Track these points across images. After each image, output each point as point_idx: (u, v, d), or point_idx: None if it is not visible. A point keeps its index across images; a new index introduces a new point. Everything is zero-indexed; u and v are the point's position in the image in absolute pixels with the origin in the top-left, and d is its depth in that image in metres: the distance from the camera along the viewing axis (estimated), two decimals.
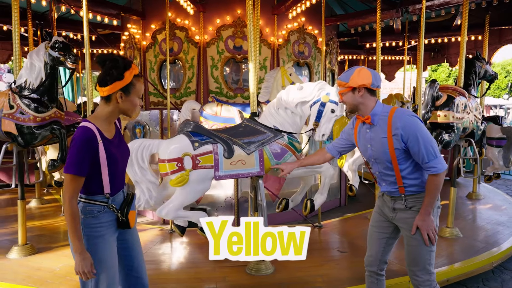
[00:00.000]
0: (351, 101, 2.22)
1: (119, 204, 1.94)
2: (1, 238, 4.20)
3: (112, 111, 1.88)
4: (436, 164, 2.06)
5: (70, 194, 1.75)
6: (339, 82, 2.24)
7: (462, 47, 4.14)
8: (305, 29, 5.96)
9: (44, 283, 3.09)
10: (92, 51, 8.52)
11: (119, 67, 1.79)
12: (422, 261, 2.19)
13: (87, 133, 1.77)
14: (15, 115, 3.38)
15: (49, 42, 3.38)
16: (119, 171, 1.95)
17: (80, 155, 1.74)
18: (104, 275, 1.86)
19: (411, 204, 2.20)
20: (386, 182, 2.27)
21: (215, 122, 4.15)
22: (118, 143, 1.96)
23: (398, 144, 2.09)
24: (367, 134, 2.25)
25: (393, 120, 2.09)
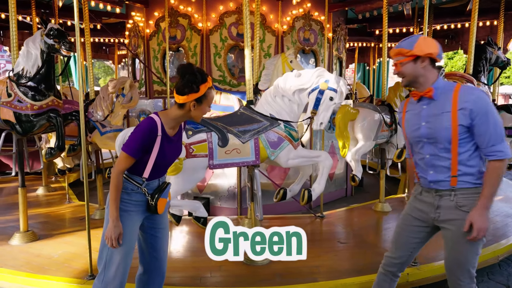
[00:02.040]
0: (411, 72, 1.95)
1: (152, 189, 2.09)
2: (6, 225, 4.28)
3: (182, 116, 2.05)
4: (502, 148, 1.82)
5: (119, 169, 1.98)
6: (398, 50, 1.96)
7: (472, 32, 3.96)
8: (311, 15, 5.80)
9: (42, 270, 3.13)
10: (99, 40, 8.56)
11: (198, 82, 1.96)
12: (468, 266, 1.98)
13: (151, 124, 1.99)
14: (13, 103, 3.40)
15: (45, 30, 3.36)
16: (164, 164, 2.12)
17: (138, 140, 1.97)
18: (121, 247, 2.01)
19: (462, 201, 1.91)
20: (435, 169, 1.98)
21: (214, 110, 4.10)
22: (176, 141, 2.15)
23: (464, 120, 1.84)
24: (423, 110, 1.99)
25: (461, 94, 1.87)
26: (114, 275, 2.03)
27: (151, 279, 2.24)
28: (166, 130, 2.04)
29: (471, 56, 3.93)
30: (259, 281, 2.99)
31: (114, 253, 2.02)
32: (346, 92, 3.22)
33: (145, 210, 2.10)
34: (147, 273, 2.24)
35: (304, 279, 3.03)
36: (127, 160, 1.98)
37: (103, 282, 2.04)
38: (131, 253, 2.09)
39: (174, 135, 2.11)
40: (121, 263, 2.04)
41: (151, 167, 2.04)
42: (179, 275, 3.08)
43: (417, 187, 2.15)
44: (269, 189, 4.91)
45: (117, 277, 2.04)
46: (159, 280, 2.27)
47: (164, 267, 2.27)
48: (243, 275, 3.10)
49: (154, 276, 2.24)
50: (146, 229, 2.18)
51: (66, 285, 2.91)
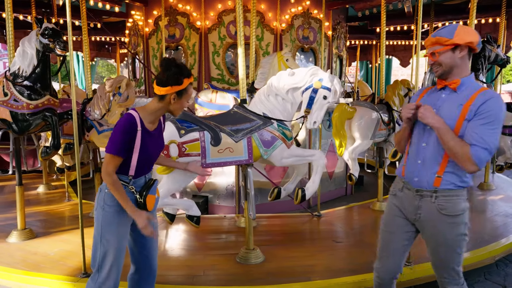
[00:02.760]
0: (449, 62, 1.85)
1: (140, 187, 2.10)
2: (5, 222, 4.31)
3: (161, 108, 2.06)
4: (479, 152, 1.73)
5: (108, 171, 1.97)
6: (436, 39, 1.86)
7: None
8: (310, 13, 5.78)
9: (37, 267, 3.16)
10: (101, 39, 8.60)
11: (183, 75, 1.99)
12: (452, 265, 1.98)
13: (130, 120, 1.98)
14: (9, 102, 3.42)
15: (40, 29, 3.38)
16: (148, 160, 2.12)
17: (120, 137, 1.97)
18: (113, 247, 2.04)
19: (444, 204, 1.88)
20: (424, 161, 1.93)
21: (210, 109, 4.10)
22: (157, 136, 2.16)
23: (469, 115, 1.80)
24: (440, 98, 1.93)
25: (481, 93, 1.81)
26: (107, 275, 2.05)
27: (143, 278, 2.26)
28: (146, 124, 2.04)
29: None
30: (252, 280, 2.99)
31: (108, 254, 2.04)
32: (340, 90, 3.20)
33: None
34: (139, 272, 2.26)
35: (297, 278, 3.03)
36: (114, 160, 1.98)
37: (97, 282, 2.06)
38: (123, 252, 2.11)
39: (154, 129, 2.11)
40: (114, 264, 2.06)
41: (136, 164, 2.03)
42: (172, 274, 3.09)
43: (397, 182, 2.11)
44: (267, 187, 4.90)
45: (110, 277, 2.06)
46: (151, 279, 2.28)
47: (155, 265, 2.29)
48: (236, 274, 3.10)
49: (145, 275, 2.26)
50: (136, 228, 2.16)
51: (60, 283, 2.93)
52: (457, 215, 1.90)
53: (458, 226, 1.91)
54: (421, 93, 2.11)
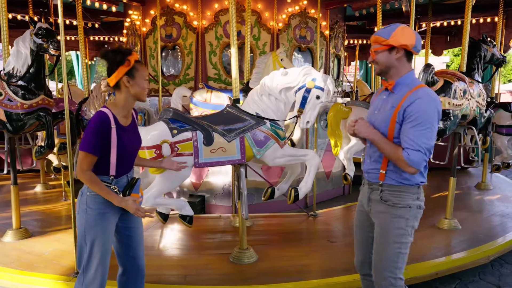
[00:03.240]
0: (384, 62, 1.91)
1: (123, 186, 2.08)
2: (1, 222, 4.32)
3: (125, 98, 2.02)
4: (411, 155, 1.78)
5: (84, 168, 1.95)
6: (375, 38, 1.91)
7: (465, 29, 3.89)
8: (307, 13, 5.77)
9: (31, 267, 3.17)
10: (99, 38, 8.60)
11: (122, 53, 1.96)
12: (387, 263, 1.94)
13: (101, 117, 1.94)
14: (4, 102, 3.43)
15: (34, 29, 3.39)
16: (127, 157, 2.09)
17: (93, 135, 1.93)
18: (98, 248, 2.02)
19: (387, 197, 1.95)
20: (370, 159, 2.04)
21: (205, 108, 4.10)
22: (132, 131, 2.12)
23: (398, 118, 1.85)
24: (383, 100, 2.00)
25: (412, 93, 1.84)
26: (93, 277, 2.04)
27: (130, 279, 2.25)
28: (119, 120, 2.01)
29: (465, 54, 3.87)
30: (244, 280, 2.99)
31: (93, 256, 2.03)
32: (333, 90, 3.20)
33: (119, 210, 2.07)
34: (126, 273, 2.24)
35: (290, 278, 3.03)
36: (87, 158, 1.94)
37: (83, 284, 2.05)
38: (109, 254, 2.09)
39: (128, 125, 2.09)
40: (100, 265, 2.04)
41: (116, 162, 2.00)
42: (165, 273, 3.09)
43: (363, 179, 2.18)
44: (264, 187, 4.90)
45: (96, 278, 2.04)
46: (139, 280, 2.26)
47: (142, 265, 2.27)
48: (228, 274, 3.10)
49: (133, 276, 2.24)
50: (120, 229, 2.17)
51: (53, 282, 2.94)
52: (399, 207, 1.94)
53: (399, 219, 1.94)
54: (376, 95, 2.14)
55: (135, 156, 2.21)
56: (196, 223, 4.29)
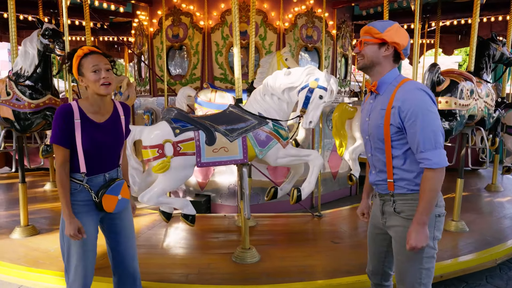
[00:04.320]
0: (371, 55, 1.78)
1: (98, 186, 2.02)
2: (10, 219, 4.43)
3: (91, 95, 1.98)
4: (431, 156, 1.65)
5: (58, 163, 1.93)
6: (368, 28, 1.79)
7: (474, 28, 3.82)
8: (314, 12, 5.74)
9: (36, 263, 3.23)
10: (108, 39, 8.72)
11: (68, 58, 1.99)
12: (411, 279, 1.79)
13: (62, 109, 1.93)
14: (12, 101, 3.51)
15: (41, 30, 3.45)
16: (101, 154, 2.02)
17: (54, 127, 1.91)
18: (74, 248, 2.00)
19: (400, 208, 1.80)
20: (375, 169, 1.90)
21: (209, 108, 4.12)
22: (110, 128, 2.04)
23: (394, 120, 1.71)
24: (369, 105, 1.89)
25: (399, 90, 1.72)
26: (74, 277, 2.02)
27: (121, 281, 2.23)
28: (88, 114, 1.96)
29: (473, 53, 3.81)
30: (245, 280, 2.99)
31: (70, 257, 2.01)
32: (336, 90, 3.18)
33: (97, 211, 2.03)
34: (116, 276, 2.24)
35: (291, 278, 3.02)
36: (58, 151, 1.93)
37: (68, 283, 2.06)
38: (89, 255, 2.04)
39: (104, 121, 2.02)
40: (79, 266, 2.01)
41: (83, 158, 1.95)
42: (167, 272, 3.12)
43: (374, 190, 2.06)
44: (268, 187, 4.91)
45: (77, 279, 2.02)
46: (130, 282, 2.23)
47: (132, 269, 2.22)
48: (230, 273, 3.11)
49: (123, 279, 2.23)
50: (107, 233, 2.16)
51: (57, 279, 2.99)
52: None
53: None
54: (364, 102, 2.02)
55: (115, 155, 2.12)
56: (200, 222, 4.34)
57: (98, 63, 1.92)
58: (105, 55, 1.99)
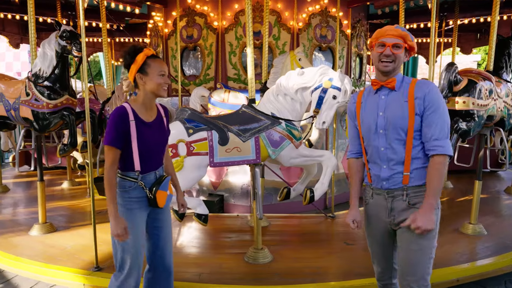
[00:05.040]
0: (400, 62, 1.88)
1: (150, 183, 2.10)
2: (29, 216, 4.54)
3: (143, 95, 2.06)
4: (444, 144, 1.77)
5: (108, 164, 1.99)
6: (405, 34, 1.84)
7: (493, 26, 3.72)
8: (328, 12, 5.70)
9: (53, 260, 3.30)
10: (124, 40, 8.85)
11: (131, 53, 2.02)
12: (421, 270, 1.85)
13: (119, 111, 2.01)
14: (31, 101, 3.60)
15: (59, 32, 3.52)
16: (152, 153, 2.11)
17: (112, 129, 1.98)
18: (130, 246, 2.07)
19: (414, 199, 1.84)
20: (389, 164, 1.87)
21: (222, 108, 4.14)
22: (158, 127, 2.13)
23: (418, 109, 1.80)
24: (381, 101, 1.90)
25: (417, 85, 1.84)
26: (129, 273, 2.09)
27: (157, 276, 2.29)
28: (140, 115, 2.04)
29: (492, 52, 3.71)
30: (257, 280, 2.99)
31: (126, 253, 2.08)
32: (350, 90, 3.15)
33: (147, 206, 2.11)
34: (152, 270, 2.29)
35: (303, 279, 3.00)
36: (110, 152, 1.99)
37: (119, 281, 2.11)
38: (142, 250, 2.14)
39: (152, 121, 2.11)
40: (134, 262, 2.09)
41: (138, 157, 2.03)
42: (180, 270, 3.12)
43: (367, 190, 2.03)
44: (281, 188, 4.89)
45: (132, 275, 2.10)
46: (165, 276, 2.29)
47: (168, 263, 2.29)
48: (242, 273, 3.11)
49: (159, 273, 2.28)
50: (149, 228, 2.21)
51: (73, 276, 3.05)
52: None
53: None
54: (358, 98, 2.03)
55: (162, 153, 2.21)
56: (213, 222, 4.36)
57: (164, 68, 2.06)
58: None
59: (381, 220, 1.95)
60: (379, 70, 1.88)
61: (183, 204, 2.42)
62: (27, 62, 11.59)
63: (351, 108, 2.07)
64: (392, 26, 1.88)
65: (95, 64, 15.14)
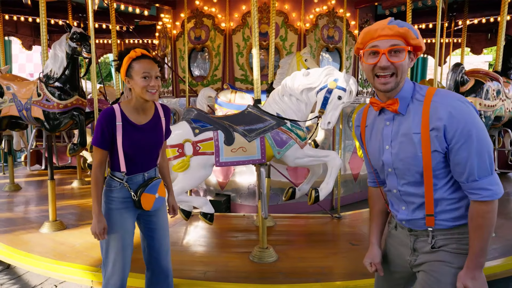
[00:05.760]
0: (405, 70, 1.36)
1: (137, 185, 2.09)
2: (40, 214, 4.64)
3: (135, 98, 2.01)
4: (489, 185, 1.29)
5: (95, 164, 2.02)
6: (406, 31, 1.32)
7: (501, 27, 3.71)
8: (336, 13, 5.70)
9: (63, 257, 3.37)
10: (134, 41, 8.96)
11: (118, 57, 2.01)
12: None
13: (105, 113, 2.00)
14: (42, 102, 3.69)
15: (69, 34, 3.61)
16: (140, 155, 2.08)
17: (98, 130, 1.98)
18: (113, 243, 2.07)
19: (442, 242, 1.43)
20: (407, 206, 1.49)
21: (229, 109, 4.17)
22: (151, 130, 2.08)
23: (439, 145, 1.31)
24: (385, 128, 1.45)
25: (433, 106, 1.31)
26: (112, 271, 2.10)
27: (154, 277, 2.31)
28: (130, 117, 2.01)
29: (500, 52, 3.69)
30: (261, 279, 3.01)
31: (109, 251, 2.08)
32: (355, 91, 3.16)
33: (134, 208, 2.10)
34: (150, 271, 2.32)
35: (308, 278, 3.01)
36: (97, 152, 2.01)
37: (105, 277, 2.14)
38: (127, 250, 2.12)
39: (144, 123, 2.06)
40: (117, 260, 2.08)
41: (123, 159, 2.02)
42: (186, 268, 3.18)
43: (391, 220, 1.67)
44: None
45: (115, 273, 2.09)
46: (163, 277, 2.30)
47: (165, 265, 2.29)
48: (247, 272, 3.13)
49: (156, 274, 2.31)
50: (143, 229, 2.23)
51: (82, 272, 3.11)
52: (460, 253, 1.42)
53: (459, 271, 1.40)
54: (362, 119, 1.61)
55: (155, 155, 2.16)
56: (220, 221, 4.40)
57: (150, 70, 1.93)
58: (155, 61, 1.99)
59: (401, 257, 1.59)
60: (377, 89, 1.41)
61: (174, 207, 2.40)
62: (39, 63, 11.83)
63: (356, 132, 1.67)
64: (385, 21, 1.35)
65: (106, 65, 15.34)
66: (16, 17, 6.49)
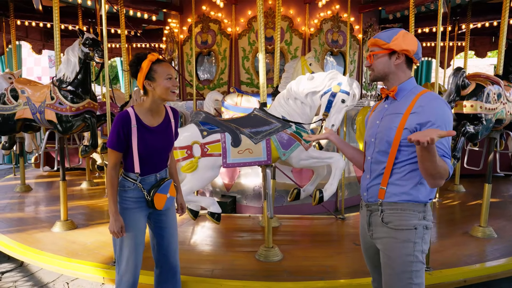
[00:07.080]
0: (382, 68, 1.76)
1: (150, 185, 2.18)
2: (52, 214, 4.77)
3: (151, 100, 2.10)
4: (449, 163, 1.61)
5: (110, 165, 2.10)
6: (375, 41, 1.76)
7: (502, 31, 3.77)
8: (340, 17, 5.80)
9: (75, 255, 3.48)
10: (141, 45, 9.13)
11: (136, 62, 2.07)
12: None
13: (121, 116, 2.07)
14: (55, 105, 3.82)
15: (82, 39, 3.73)
16: (153, 157, 2.17)
17: (113, 132, 2.06)
18: (127, 241, 2.17)
19: (388, 218, 1.73)
20: (370, 175, 1.81)
21: (235, 112, 4.28)
22: (162, 132, 2.17)
23: (411, 123, 1.65)
24: (383, 109, 1.84)
25: (420, 98, 1.69)
26: (125, 268, 2.19)
27: (163, 274, 2.41)
28: (143, 120, 2.09)
29: (501, 56, 3.75)
30: (266, 276, 3.09)
31: (123, 249, 2.18)
32: (359, 94, 3.25)
33: (146, 207, 2.19)
34: (158, 268, 2.41)
35: (312, 277, 3.10)
36: (112, 154, 2.08)
37: (119, 274, 2.24)
38: (140, 248, 2.22)
39: (157, 125, 2.15)
40: (130, 258, 2.18)
41: (138, 160, 2.09)
42: (193, 266, 3.28)
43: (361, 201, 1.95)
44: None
45: (128, 270, 2.19)
46: (171, 274, 2.40)
47: (173, 263, 2.38)
48: (253, 270, 3.22)
49: (165, 271, 2.40)
50: (153, 228, 2.33)
51: (93, 269, 3.23)
52: (402, 229, 1.71)
53: (405, 244, 1.70)
54: (372, 110, 1.97)
55: (166, 156, 2.25)
56: (226, 221, 4.50)
57: (171, 71, 2.09)
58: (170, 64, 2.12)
59: (365, 233, 1.91)
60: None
61: (182, 205, 2.50)
62: (47, 67, 12.03)
63: (366, 117, 2.02)
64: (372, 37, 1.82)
65: (112, 68, 15.56)
66: (27, 22, 6.67)
